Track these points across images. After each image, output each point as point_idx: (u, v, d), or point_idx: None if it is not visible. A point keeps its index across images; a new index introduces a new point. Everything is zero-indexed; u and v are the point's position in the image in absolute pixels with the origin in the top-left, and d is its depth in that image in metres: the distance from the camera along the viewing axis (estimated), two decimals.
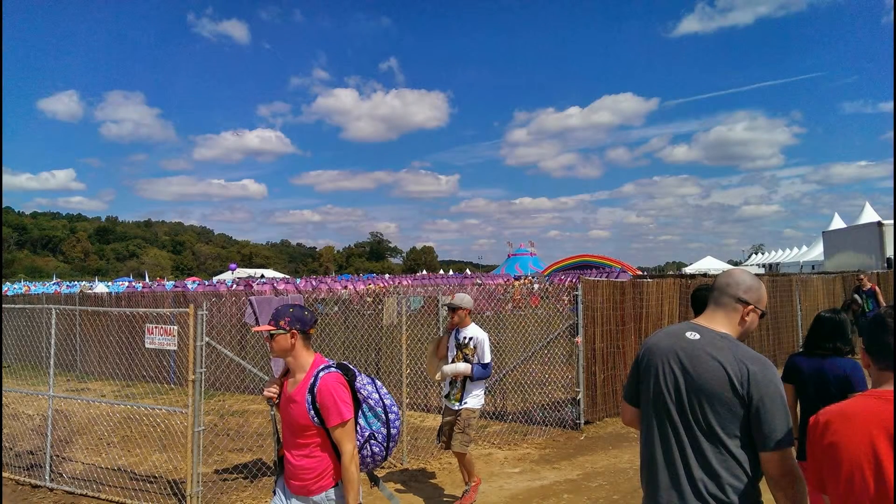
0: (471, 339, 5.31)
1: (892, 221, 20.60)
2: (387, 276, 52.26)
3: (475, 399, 5.32)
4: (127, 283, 43.81)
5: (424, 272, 67.05)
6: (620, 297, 8.51)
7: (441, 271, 70.96)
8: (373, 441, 2.81)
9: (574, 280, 8.98)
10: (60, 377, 11.71)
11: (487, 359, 5.29)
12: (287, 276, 56.82)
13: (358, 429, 2.78)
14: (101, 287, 39.34)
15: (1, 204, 73.66)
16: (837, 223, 32.66)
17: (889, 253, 19.94)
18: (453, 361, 5.33)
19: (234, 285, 28.49)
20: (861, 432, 1.60)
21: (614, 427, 7.87)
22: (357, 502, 2.71)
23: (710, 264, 42.93)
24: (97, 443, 7.60)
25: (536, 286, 15.97)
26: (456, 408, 5.29)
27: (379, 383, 2.92)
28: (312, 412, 2.68)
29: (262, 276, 50.51)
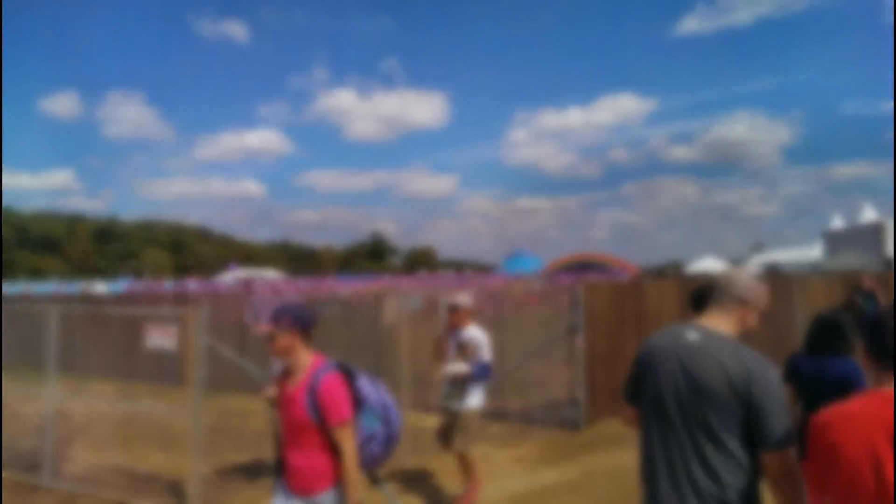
0: (471, 339, 5.31)
1: (892, 221, 20.64)
2: (387, 276, 52.23)
3: (475, 399, 5.31)
4: (127, 283, 43.77)
5: (424, 272, 66.99)
6: (620, 298, 8.52)
7: (441, 271, 70.88)
8: (373, 441, 2.82)
9: (574, 280, 8.99)
10: (60, 377, 11.69)
11: (487, 359, 5.29)
12: (287, 276, 56.78)
13: (358, 429, 2.78)
14: (101, 287, 39.33)
15: (1, 204, 73.58)
16: (837, 223, 32.67)
17: (889, 253, 19.96)
18: (454, 361, 5.33)
19: (235, 285, 28.48)
20: (861, 432, 1.60)
21: (614, 427, 7.86)
22: (357, 502, 2.71)
23: (710, 264, 42.88)
24: (97, 443, 7.60)
25: (536, 286, 15.97)
26: (456, 408, 5.29)
27: (379, 383, 2.92)
28: (312, 412, 2.68)
29: (263, 277, 50.47)
